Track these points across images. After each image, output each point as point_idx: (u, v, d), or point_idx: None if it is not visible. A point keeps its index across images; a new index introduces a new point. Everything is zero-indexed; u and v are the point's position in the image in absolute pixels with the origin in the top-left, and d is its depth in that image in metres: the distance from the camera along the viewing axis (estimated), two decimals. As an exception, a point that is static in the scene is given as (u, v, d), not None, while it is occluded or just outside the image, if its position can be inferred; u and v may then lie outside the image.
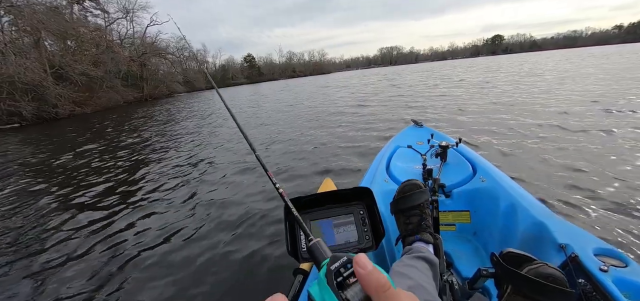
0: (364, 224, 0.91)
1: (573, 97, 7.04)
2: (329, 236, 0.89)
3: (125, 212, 3.17)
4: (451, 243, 1.37)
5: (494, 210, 1.32)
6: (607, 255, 0.87)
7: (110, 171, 4.89)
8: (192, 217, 2.89)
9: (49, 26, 20.21)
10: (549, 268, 0.70)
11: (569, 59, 26.01)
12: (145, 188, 3.89)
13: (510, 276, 0.75)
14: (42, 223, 3.10)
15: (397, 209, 1.08)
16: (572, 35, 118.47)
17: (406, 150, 1.96)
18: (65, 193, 3.99)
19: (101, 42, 27.35)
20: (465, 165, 1.67)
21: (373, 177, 1.66)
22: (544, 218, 1.09)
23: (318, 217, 0.90)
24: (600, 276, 0.79)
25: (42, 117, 16.69)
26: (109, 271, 2.17)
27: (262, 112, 10.83)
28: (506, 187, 1.35)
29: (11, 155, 7.40)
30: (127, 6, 34.70)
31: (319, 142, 5.39)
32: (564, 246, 0.92)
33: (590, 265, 0.83)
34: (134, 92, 30.25)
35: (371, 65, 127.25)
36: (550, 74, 13.70)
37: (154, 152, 6.15)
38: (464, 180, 1.55)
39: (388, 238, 1.27)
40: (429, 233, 1.00)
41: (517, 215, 1.19)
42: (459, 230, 1.44)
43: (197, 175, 4.24)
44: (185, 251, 2.33)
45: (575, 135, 4.06)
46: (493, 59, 54.79)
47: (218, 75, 65.15)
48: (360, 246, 0.88)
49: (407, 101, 9.33)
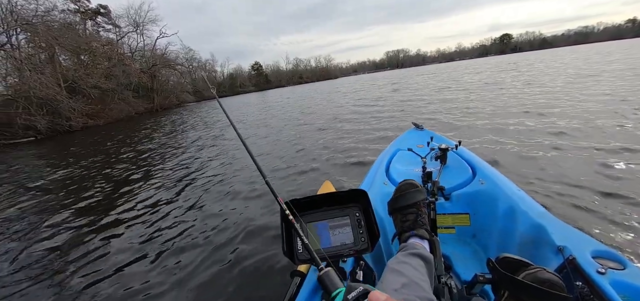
0: (359, 226, 0.91)
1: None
2: (325, 238, 0.89)
3: (128, 217, 3.23)
4: (450, 246, 1.36)
5: (493, 213, 1.32)
6: (605, 257, 0.86)
7: (116, 181, 4.94)
8: (189, 222, 2.92)
9: (62, 42, 20.84)
10: (546, 273, 0.70)
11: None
12: (146, 194, 3.98)
13: (507, 282, 0.75)
14: (37, 234, 3.12)
15: (393, 208, 1.08)
16: (583, 31, 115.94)
17: (406, 153, 1.96)
18: (67, 203, 4.04)
19: (113, 55, 28.05)
20: (465, 167, 1.66)
21: (373, 179, 1.66)
22: (542, 220, 1.09)
23: (314, 219, 0.90)
24: (597, 279, 0.78)
25: (56, 130, 17.12)
26: (111, 277, 2.18)
27: (263, 116, 10.86)
28: (505, 190, 1.35)
29: (28, 168, 7.56)
30: (138, 20, 35.69)
31: (319, 144, 5.36)
32: (562, 249, 0.92)
33: (588, 267, 0.82)
34: (145, 103, 30.87)
35: (378, 69, 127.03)
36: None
37: (160, 159, 6.27)
38: (463, 182, 1.54)
39: (386, 240, 1.27)
40: (424, 229, 0.99)
41: (516, 218, 1.19)
42: (458, 233, 1.43)
43: (197, 178, 4.34)
44: (181, 253, 2.36)
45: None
46: (511, 57, 50.06)
47: (226, 84, 66.07)
48: (356, 248, 0.88)
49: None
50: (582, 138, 3.75)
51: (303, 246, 0.84)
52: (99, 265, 2.39)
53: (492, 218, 1.31)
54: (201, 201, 3.45)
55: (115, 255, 2.50)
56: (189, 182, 4.30)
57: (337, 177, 3.52)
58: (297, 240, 0.85)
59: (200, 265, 2.16)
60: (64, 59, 23.58)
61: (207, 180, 4.27)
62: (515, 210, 1.21)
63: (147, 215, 3.26)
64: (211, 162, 5.34)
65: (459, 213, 1.43)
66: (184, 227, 2.82)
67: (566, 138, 3.85)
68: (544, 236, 1.02)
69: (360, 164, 3.99)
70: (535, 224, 1.08)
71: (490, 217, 1.32)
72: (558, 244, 0.94)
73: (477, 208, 1.41)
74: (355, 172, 3.64)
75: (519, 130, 4.49)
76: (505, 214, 1.26)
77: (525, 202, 1.24)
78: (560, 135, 3.97)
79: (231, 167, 4.81)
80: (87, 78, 22.11)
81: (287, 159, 4.72)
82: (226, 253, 2.27)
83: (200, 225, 2.81)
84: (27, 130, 15.89)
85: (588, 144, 3.48)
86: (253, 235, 2.47)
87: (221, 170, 4.70)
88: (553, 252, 0.95)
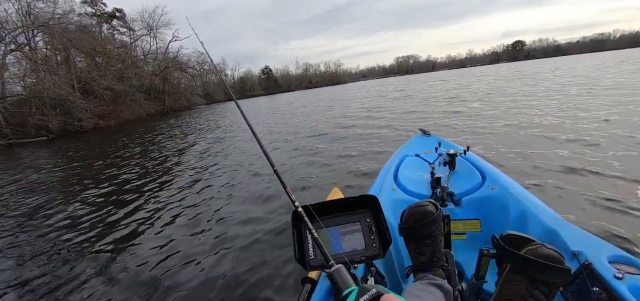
0: (371, 232, 0.90)
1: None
2: (337, 244, 0.88)
3: (136, 216, 3.24)
4: (462, 252, 1.31)
5: (504, 218, 1.30)
6: (622, 262, 0.84)
7: (123, 182, 4.89)
8: (196, 224, 2.91)
9: (77, 44, 21.20)
10: (547, 249, 0.71)
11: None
12: (157, 194, 3.99)
13: (509, 257, 0.77)
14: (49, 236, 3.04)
15: (407, 235, 1.02)
16: (599, 38, 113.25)
17: (414, 158, 1.95)
18: (77, 202, 3.98)
19: (126, 58, 28.42)
20: (474, 173, 1.64)
21: (381, 186, 1.62)
22: (555, 225, 1.06)
23: (326, 224, 0.89)
24: (615, 284, 0.76)
25: (67, 130, 17.29)
26: (128, 280, 2.14)
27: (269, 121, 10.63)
28: (516, 194, 1.33)
29: (44, 169, 7.53)
30: (151, 23, 36.23)
31: (328, 150, 5.26)
32: (577, 254, 0.89)
33: (605, 272, 0.80)
34: (156, 104, 31.13)
35: (387, 74, 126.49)
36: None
37: (167, 159, 6.29)
38: (473, 188, 1.52)
39: (397, 247, 1.26)
40: (440, 268, 0.95)
41: (528, 223, 1.17)
42: (469, 239, 1.39)
43: (207, 180, 4.36)
44: (186, 258, 2.32)
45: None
46: (531, 64, 46.77)
47: (236, 87, 66.60)
48: (367, 254, 0.87)
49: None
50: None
51: (314, 253, 0.85)
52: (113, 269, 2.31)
53: (503, 223, 1.28)
54: (210, 204, 3.40)
55: (128, 259, 2.42)
56: (197, 184, 4.26)
57: (344, 184, 3.46)
58: (309, 246, 0.85)
59: (207, 272, 2.09)
60: (80, 60, 23.98)
61: (217, 183, 4.19)
62: (527, 215, 1.19)
63: (153, 220, 3.17)
64: (222, 165, 5.27)
65: (469, 219, 1.40)
66: (191, 230, 2.78)
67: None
68: (558, 241, 0.98)
69: (369, 165, 3.92)
70: (549, 229, 1.06)
71: (502, 222, 1.30)
72: (573, 249, 0.92)
73: (488, 213, 1.38)
74: (364, 179, 3.53)
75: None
76: (517, 219, 1.23)
77: (537, 206, 1.23)
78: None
79: (241, 171, 4.73)
80: (100, 80, 22.40)
81: (295, 165, 4.61)
82: (235, 260, 2.20)
83: (208, 229, 2.76)
84: (39, 129, 16.07)
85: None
86: (262, 241, 2.42)
87: (231, 174, 4.60)
88: (568, 257, 0.89)
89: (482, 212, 1.40)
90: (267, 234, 2.52)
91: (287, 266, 2.00)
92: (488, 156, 3.69)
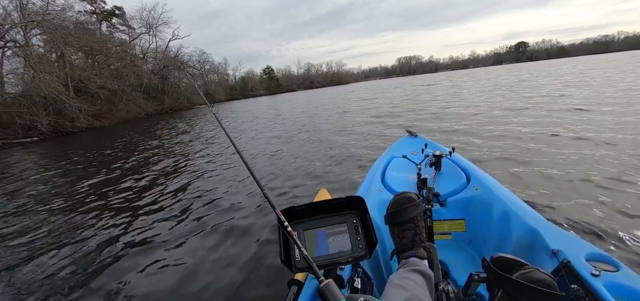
0: (357, 233, 0.89)
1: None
2: (323, 246, 0.86)
3: (123, 219, 3.18)
4: (447, 252, 1.33)
5: (488, 218, 1.31)
6: (599, 260, 0.86)
7: (112, 183, 4.70)
8: (182, 228, 2.81)
9: (71, 41, 20.47)
10: (540, 273, 0.70)
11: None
12: (142, 195, 3.96)
13: (501, 281, 0.75)
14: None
15: (391, 222, 1.05)
16: (603, 40, 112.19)
17: (401, 159, 1.93)
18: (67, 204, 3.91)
19: (125, 56, 27.59)
20: (459, 173, 1.64)
21: (368, 186, 1.62)
22: (536, 224, 1.08)
23: (311, 226, 0.88)
24: (592, 281, 0.78)
25: (58, 130, 16.52)
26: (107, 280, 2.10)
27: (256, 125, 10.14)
28: (499, 195, 1.34)
29: (32, 169, 7.00)
30: (150, 22, 35.49)
31: (317, 151, 5.25)
32: (557, 252, 0.92)
33: (582, 270, 0.82)
34: (155, 104, 30.31)
35: (389, 75, 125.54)
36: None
37: (155, 160, 6.21)
38: (458, 188, 1.53)
39: (383, 247, 1.27)
40: (423, 248, 0.98)
41: (511, 223, 1.19)
42: (454, 239, 1.41)
43: (193, 182, 4.31)
44: (172, 260, 2.26)
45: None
46: (538, 65, 45.11)
47: (238, 87, 65.90)
48: (354, 255, 0.86)
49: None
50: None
51: (300, 255, 0.82)
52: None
53: (487, 223, 1.31)
54: (196, 207, 3.30)
55: (113, 264, 2.33)
56: (182, 185, 4.22)
57: (332, 185, 3.43)
58: (295, 248, 0.83)
59: (192, 275, 2.04)
60: (75, 58, 23.21)
61: (202, 186, 4.09)
62: (510, 215, 1.21)
63: (140, 220, 3.12)
64: (206, 167, 5.18)
65: (454, 219, 1.43)
66: (175, 234, 2.71)
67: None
68: (539, 240, 1.01)
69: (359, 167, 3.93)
70: (530, 229, 1.08)
71: (486, 222, 1.32)
72: (552, 248, 0.93)
73: (472, 213, 1.40)
74: (352, 179, 3.52)
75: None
76: (500, 219, 1.25)
77: (519, 207, 1.24)
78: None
79: (229, 173, 4.62)
80: (94, 79, 21.57)
81: (283, 167, 4.59)
82: (220, 261, 2.17)
83: (195, 232, 2.68)
84: (28, 130, 15.30)
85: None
86: (249, 243, 2.38)
87: (218, 177, 4.45)
88: (548, 256, 0.94)
89: (466, 212, 1.42)
90: (252, 235, 2.49)
91: (274, 268, 1.99)
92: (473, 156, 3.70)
